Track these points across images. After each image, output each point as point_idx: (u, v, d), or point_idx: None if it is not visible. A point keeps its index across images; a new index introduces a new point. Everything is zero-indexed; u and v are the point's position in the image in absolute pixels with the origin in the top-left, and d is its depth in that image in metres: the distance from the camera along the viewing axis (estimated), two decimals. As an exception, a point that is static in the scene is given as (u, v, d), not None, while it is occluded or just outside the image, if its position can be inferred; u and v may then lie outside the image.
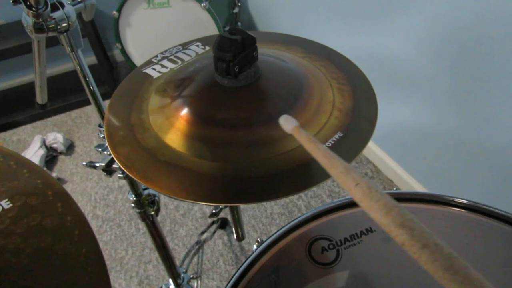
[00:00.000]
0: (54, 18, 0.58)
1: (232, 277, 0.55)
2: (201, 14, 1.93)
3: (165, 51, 0.50)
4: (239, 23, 2.34)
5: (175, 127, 0.41)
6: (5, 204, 0.41)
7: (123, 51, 2.11)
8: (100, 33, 2.43)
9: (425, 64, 1.17)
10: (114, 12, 1.96)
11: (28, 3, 0.54)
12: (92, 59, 2.23)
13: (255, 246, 0.61)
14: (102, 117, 0.75)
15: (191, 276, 1.11)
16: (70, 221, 0.41)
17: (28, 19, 0.57)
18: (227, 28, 2.05)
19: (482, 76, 1.01)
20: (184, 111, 0.41)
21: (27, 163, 0.47)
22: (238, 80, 0.40)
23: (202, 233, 1.42)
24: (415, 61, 1.21)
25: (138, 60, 2.15)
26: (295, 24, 1.93)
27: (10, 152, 0.48)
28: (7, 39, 2.05)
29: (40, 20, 0.57)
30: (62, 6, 0.59)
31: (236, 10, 2.28)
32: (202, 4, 1.86)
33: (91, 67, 0.69)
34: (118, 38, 2.07)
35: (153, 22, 2.01)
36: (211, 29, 1.96)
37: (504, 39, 0.92)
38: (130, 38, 2.09)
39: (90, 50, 2.18)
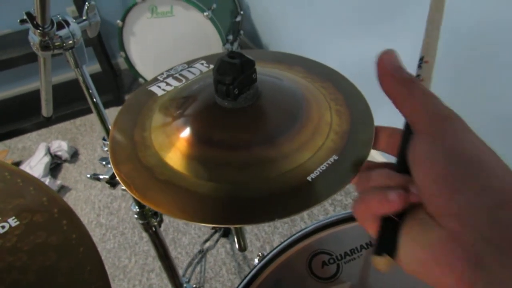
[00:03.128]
0: (60, 36, 0.59)
1: (234, 290, 0.56)
2: (204, 23, 1.95)
3: (171, 68, 0.52)
4: (241, 32, 2.36)
5: (175, 146, 0.42)
6: (12, 221, 0.43)
7: (127, 59, 2.14)
8: (104, 42, 2.46)
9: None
10: (118, 21, 1.99)
11: (34, 22, 0.55)
12: (96, 67, 2.25)
13: (256, 260, 0.62)
14: (106, 130, 0.76)
15: (194, 286, 1.12)
16: (75, 239, 0.42)
17: (34, 37, 0.58)
18: (230, 36, 2.07)
19: (484, 85, 1.02)
20: (184, 131, 0.42)
21: (33, 180, 0.48)
22: (238, 102, 0.41)
23: (205, 241, 1.43)
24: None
25: (141, 69, 2.18)
26: (295, 33, 1.94)
27: (17, 169, 0.49)
28: (13, 47, 2.08)
29: (46, 38, 0.58)
30: (68, 24, 0.60)
31: (238, 18, 2.30)
32: (204, 13, 1.88)
33: (95, 75, 0.70)
34: (122, 47, 2.09)
35: (157, 31, 2.03)
36: (213, 38, 1.98)
37: (507, 47, 0.92)
38: (134, 47, 2.11)
39: (94, 58, 2.21)
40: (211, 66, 0.51)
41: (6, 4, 2.20)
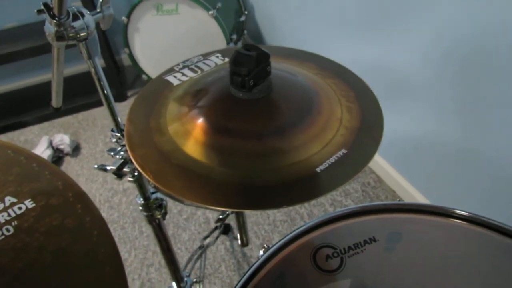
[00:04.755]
0: (74, 27, 0.61)
1: (238, 282, 0.57)
2: (209, 21, 1.96)
3: (187, 60, 0.53)
4: (245, 31, 2.38)
5: (190, 134, 0.43)
6: (29, 203, 0.44)
7: (131, 56, 2.15)
8: (109, 38, 2.47)
9: (429, 75, 1.20)
10: (124, 17, 2.00)
11: (51, 13, 0.56)
12: (100, 62, 2.27)
13: (261, 252, 0.63)
14: (115, 122, 0.77)
15: (194, 280, 1.13)
16: (89, 222, 0.44)
17: (50, 28, 0.59)
18: (234, 36, 2.08)
19: (485, 87, 1.03)
20: (200, 120, 0.43)
21: (49, 165, 0.49)
22: (253, 93, 0.42)
23: (205, 238, 1.44)
24: (419, 72, 1.23)
25: (145, 65, 2.19)
26: (299, 33, 1.96)
27: (32, 154, 0.50)
28: (18, 41, 2.08)
29: (62, 29, 0.59)
30: (83, 16, 0.62)
31: (243, 18, 2.31)
32: (209, 12, 1.90)
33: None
34: (126, 43, 2.11)
35: (161, 29, 2.04)
36: (218, 37, 2.00)
37: (507, 50, 0.94)
38: (138, 44, 2.13)
39: (97, 51, 2.21)
40: (226, 59, 0.53)
41: (12, -2, 2.22)
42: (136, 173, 0.78)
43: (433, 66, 1.16)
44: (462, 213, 0.59)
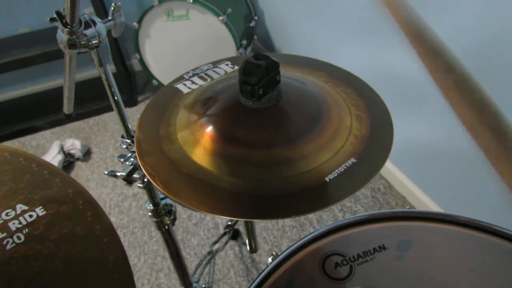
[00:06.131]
0: (86, 35, 0.61)
1: (248, 288, 0.57)
2: (219, 27, 1.97)
3: (197, 68, 0.53)
4: (255, 37, 2.38)
5: (199, 142, 0.43)
6: (40, 211, 0.44)
7: (142, 61, 2.17)
8: (120, 43, 2.49)
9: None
10: (135, 23, 2.02)
11: (64, 21, 0.57)
12: (111, 68, 2.29)
13: (270, 260, 0.63)
14: (125, 128, 0.78)
15: (203, 286, 1.13)
16: (99, 230, 0.44)
17: (62, 36, 0.60)
18: (244, 41, 2.09)
19: (498, 95, 1.02)
20: (209, 129, 0.44)
21: (59, 172, 0.49)
22: (262, 102, 0.42)
23: (214, 243, 1.44)
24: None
25: (155, 71, 2.21)
26: (309, 38, 1.96)
27: (44, 161, 0.50)
28: (31, 47, 2.11)
29: (74, 37, 0.60)
30: (94, 24, 0.62)
31: (252, 23, 2.32)
32: (220, 18, 1.91)
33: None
34: (137, 49, 2.13)
35: (172, 34, 2.06)
36: (228, 42, 2.01)
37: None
38: (149, 49, 2.15)
39: (109, 59, 2.24)
40: (236, 67, 0.53)
41: (24, 4, 2.25)
42: (145, 180, 0.79)
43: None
44: (474, 221, 0.59)
